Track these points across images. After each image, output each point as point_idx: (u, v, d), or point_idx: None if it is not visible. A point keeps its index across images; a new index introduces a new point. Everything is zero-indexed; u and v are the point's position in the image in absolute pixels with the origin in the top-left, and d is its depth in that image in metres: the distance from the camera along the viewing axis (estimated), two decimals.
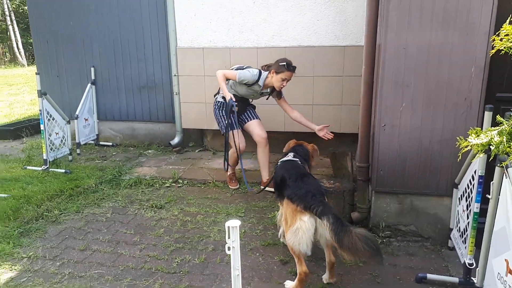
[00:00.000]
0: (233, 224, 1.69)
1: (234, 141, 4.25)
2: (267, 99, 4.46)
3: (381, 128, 3.14)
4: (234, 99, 4.05)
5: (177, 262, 3.04)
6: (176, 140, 5.89)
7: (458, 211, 3.02)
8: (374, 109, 3.30)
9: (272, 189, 3.49)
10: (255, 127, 4.36)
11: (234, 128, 4.25)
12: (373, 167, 3.29)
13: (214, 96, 4.45)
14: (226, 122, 4.20)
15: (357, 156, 3.90)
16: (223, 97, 4.22)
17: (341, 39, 5.00)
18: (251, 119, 4.40)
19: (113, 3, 5.79)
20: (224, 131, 4.31)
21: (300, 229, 2.53)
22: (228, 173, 4.57)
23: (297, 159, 3.13)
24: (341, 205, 3.41)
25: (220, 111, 4.32)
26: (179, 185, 4.60)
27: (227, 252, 1.71)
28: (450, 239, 3.13)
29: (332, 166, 4.48)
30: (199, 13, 5.34)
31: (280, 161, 3.20)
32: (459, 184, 2.99)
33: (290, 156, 3.17)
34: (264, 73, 4.12)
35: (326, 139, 4.12)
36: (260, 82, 4.11)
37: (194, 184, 4.63)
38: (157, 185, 4.60)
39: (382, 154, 3.20)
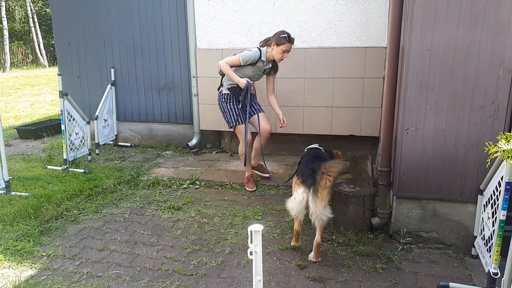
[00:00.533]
0: (256, 228, 1.65)
1: (247, 135, 4.31)
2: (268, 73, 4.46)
3: (404, 132, 3.06)
4: (250, 81, 4.15)
5: (194, 264, 3.02)
6: (193, 141, 5.89)
7: (482, 218, 2.92)
8: (397, 111, 3.22)
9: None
10: (261, 120, 4.39)
11: (246, 120, 4.29)
12: (395, 172, 3.21)
13: (218, 89, 4.43)
14: (239, 111, 4.28)
15: (378, 159, 3.82)
16: (229, 88, 4.26)
17: (362, 40, 4.92)
18: (257, 112, 4.42)
19: (134, 5, 5.84)
20: (233, 124, 4.34)
21: (295, 199, 3.03)
22: (246, 175, 4.56)
23: (321, 148, 3.55)
24: (361, 210, 3.34)
25: (228, 103, 4.32)
26: (196, 187, 4.59)
27: (249, 256, 1.67)
28: (474, 247, 3.03)
29: (352, 170, 4.40)
30: (219, 14, 5.34)
31: (306, 148, 3.60)
32: (484, 191, 2.89)
33: (316, 145, 3.61)
34: (263, 49, 4.20)
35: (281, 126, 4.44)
36: (263, 57, 4.18)
37: (211, 186, 4.62)
38: (175, 186, 4.60)
39: (404, 158, 3.12)
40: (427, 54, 2.89)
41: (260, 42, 4.35)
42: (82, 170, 4.95)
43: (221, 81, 4.37)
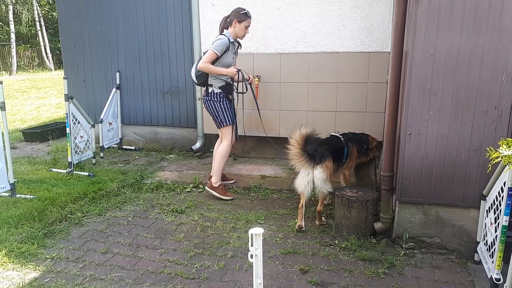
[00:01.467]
0: (257, 232, 1.66)
1: (233, 135, 4.37)
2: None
3: (407, 136, 3.06)
4: (238, 68, 4.22)
5: (196, 267, 3.03)
6: (197, 145, 5.92)
7: (485, 223, 2.91)
8: (400, 116, 3.23)
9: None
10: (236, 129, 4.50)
11: (235, 121, 4.38)
12: (398, 176, 3.21)
13: (207, 91, 4.29)
14: (231, 110, 4.32)
15: (381, 164, 3.82)
16: (220, 87, 4.26)
17: (366, 45, 4.93)
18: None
19: (140, 10, 5.89)
20: (230, 122, 4.31)
21: (299, 176, 3.58)
22: (220, 183, 4.41)
23: (341, 137, 3.94)
24: (363, 215, 3.34)
25: (222, 102, 4.27)
26: (200, 190, 4.61)
27: (250, 260, 1.69)
28: (477, 252, 3.03)
29: (355, 175, 4.40)
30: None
31: (329, 134, 4.06)
32: (487, 196, 2.89)
33: (336, 134, 4.04)
34: (226, 31, 4.21)
35: None
36: (231, 39, 4.20)
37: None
38: (178, 190, 4.62)
39: (407, 163, 3.12)
40: (430, 59, 2.90)
41: (220, 27, 4.32)
42: (87, 173, 4.98)
43: (207, 83, 4.27)
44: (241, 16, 4.17)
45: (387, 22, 4.80)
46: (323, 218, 3.73)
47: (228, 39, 4.16)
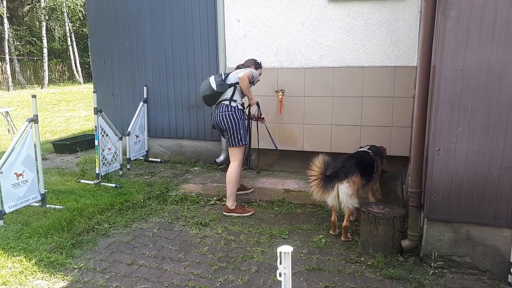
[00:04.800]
0: (285, 250, 1.65)
1: (246, 156, 4.46)
2: None
3: (435, 153, 3.00)
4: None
5: (220, 282, 3.03)
6: (221, 158, 5.96)
7: None
8: (428, 132, 3.17)
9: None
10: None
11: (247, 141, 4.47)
12: (426, 193, 3.14)
13: (229, 106, 4.25)
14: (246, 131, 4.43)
15: (408, 180, 3.75)
16: (242, 104, 4.35)
17: (392, 59, 4.90)
18: None
19: (167, 27, 6.04)
20: (245, 142, 4.36)
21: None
22: (236, 202, 4.38)
23: (370, 151, 3.99)
24: (390, 232, 3.27)
25: (243, 120, 4.32)
26: (223, 203, 4.61)
27: (278, 278, 1.67)
28: (510, 273, 2.91)
29: (380, 190, 4.33)
30: (248, 34, 5.45)
31: (357, 150, 4.11)
32: None
33: (365, 148, 4.08)
34: None
35: None
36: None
37: (237, 202, 4.63)
38: (202, 202, 4.65)
39: (435, 179, 3.05)
40: (459, 74, 2.85)
41: (239, 66, 4.57)
42: (114, 185, 5.08)
43: (231, 97, 4.26)
44: (257, 64, 4.53)
45: (413, 37, 4.76)
46: (348, 234, 3.67)
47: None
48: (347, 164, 3.65)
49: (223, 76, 4.31)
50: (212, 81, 4.25)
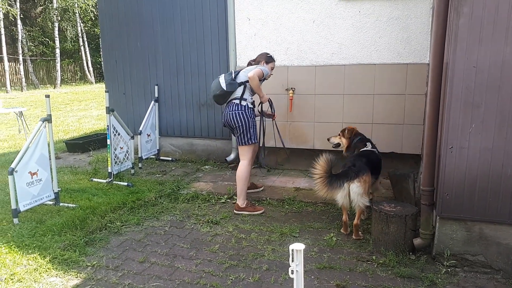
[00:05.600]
0: (297, 247, 1.65)
1: (257, 154, 4.42)
2: None
3: (448, 150, 2.97)
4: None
5: (231, 279, 3.04)
6: (231, 156, 5.97)
7: None
8: (441, 130, 3.14)
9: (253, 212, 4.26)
10: None
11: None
12: (439, 191, 3.11)
13: (239, 104, 4.22)
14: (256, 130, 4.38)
15: (420, 178, 3.71)
16: (252, 103, 4.31)
17: (404, 56, 4.85)
18: None
19: (177, 25, 6.07)
20: (256, 141, 4.35)
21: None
22: (247, 201, 4.39)
23: (376, 150, 4.04)
24: (402, 230, 3.25)
25: (254, 119, 4.30)
26: (234, 201, 4.62)
27: (291, 275, 1.67)
28: None
29: (392, 188, 4.30)
30: (259, 33, 5.45)
31: (361, 150, 4.03)
32: None
33: (369, 147, 4.04)
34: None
35: None
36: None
37: (248, 200, 4.64)
38: (213, 201, 4.67)
39: (448, 177, 3.02)
40: (473, 71, 2.82)
41: (250, 62, 4.55)
42: (126, 183, 5.12)
43: (242, 94, 4.24)
44: (269, 58, 4.47)
45: (425, 33, 4.71)
46: (360, 232, 3.66)
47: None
48: (358, 163, 3.64)
49: (233, 75, 4.29)
50: (222, 80, 4.24)
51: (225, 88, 4.22)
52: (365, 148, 4.04)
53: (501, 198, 2.91)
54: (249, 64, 4.53)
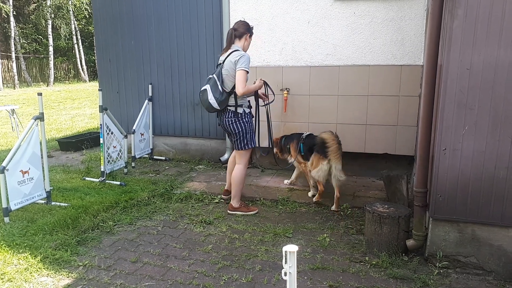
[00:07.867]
0: (291, 249, 1.64)
1: (251, 157, 4.32)
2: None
3: (441, 152, 2.98)
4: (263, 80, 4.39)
5: (224, 280, 3.03)
6: (225, 156, 5.96)
7: None
8: (434, 131, 3.15)
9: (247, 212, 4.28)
10: None
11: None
12: (432, 193, 3.12)
13: (235, 112, 4.07)
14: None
15: (414, 180, 3.73)
16: (248, 106, 4.17)
17: (398, 58, 4.87)
18: None
19: (172, 24, 6.05)
20: (254, 145, 4.26)
21: (321, 169, 4.24)
22: (240, 202, 4.36)
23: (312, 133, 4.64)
24: (395, 231, 3.26)
25: (250, 123, 4.17)
26: (228, 202, 4.61)
27: (284, 277, 1.67)
28: None
29: (386, 190, 4.31)
30: (253, 33, 5.42)
31: (302, 137, 4.62)
32: None
33: (307, 132, 4.70)
34: (236, 46, 4.07)
35: None
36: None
37: (241, 201, 4.63)
38: (207, 201, 4.66)
39: (441, 179, 3.03)
40: (466, 73, 2.83)
41: (228, 40, 4.13)
42: (118, 182, 5.09)
43: (235, 102, 4.07)
44: (251, 29, 4.16)
45: (420, 35, 4.73)
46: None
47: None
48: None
49: (220, 85, 3.99)
50: (212, 98, 3.97)
51: (218, 108, 4.03)
52: (306, 134, 4.65)
53: (493, 200, 2.93)
54: (231, 34, 4.09)
